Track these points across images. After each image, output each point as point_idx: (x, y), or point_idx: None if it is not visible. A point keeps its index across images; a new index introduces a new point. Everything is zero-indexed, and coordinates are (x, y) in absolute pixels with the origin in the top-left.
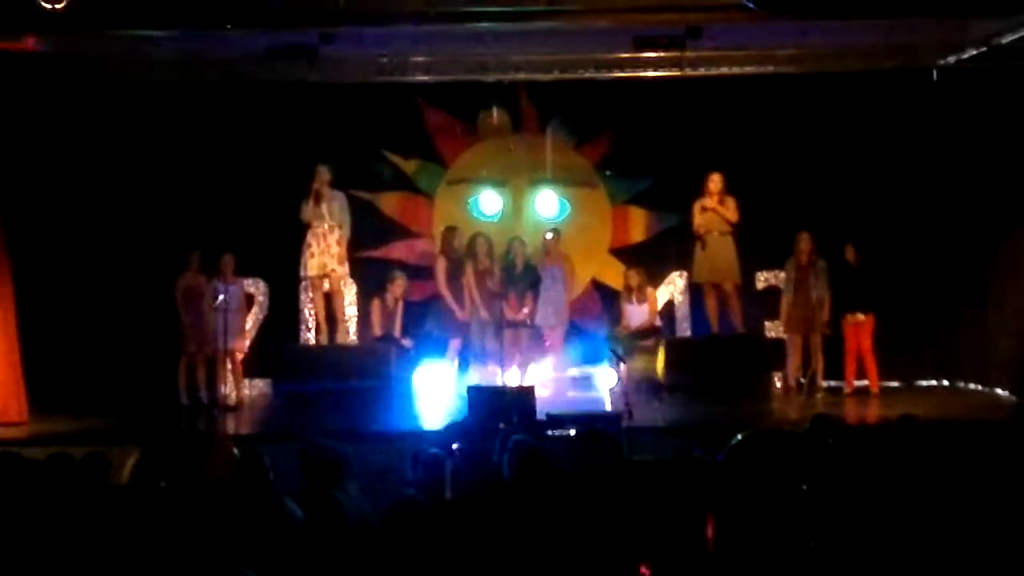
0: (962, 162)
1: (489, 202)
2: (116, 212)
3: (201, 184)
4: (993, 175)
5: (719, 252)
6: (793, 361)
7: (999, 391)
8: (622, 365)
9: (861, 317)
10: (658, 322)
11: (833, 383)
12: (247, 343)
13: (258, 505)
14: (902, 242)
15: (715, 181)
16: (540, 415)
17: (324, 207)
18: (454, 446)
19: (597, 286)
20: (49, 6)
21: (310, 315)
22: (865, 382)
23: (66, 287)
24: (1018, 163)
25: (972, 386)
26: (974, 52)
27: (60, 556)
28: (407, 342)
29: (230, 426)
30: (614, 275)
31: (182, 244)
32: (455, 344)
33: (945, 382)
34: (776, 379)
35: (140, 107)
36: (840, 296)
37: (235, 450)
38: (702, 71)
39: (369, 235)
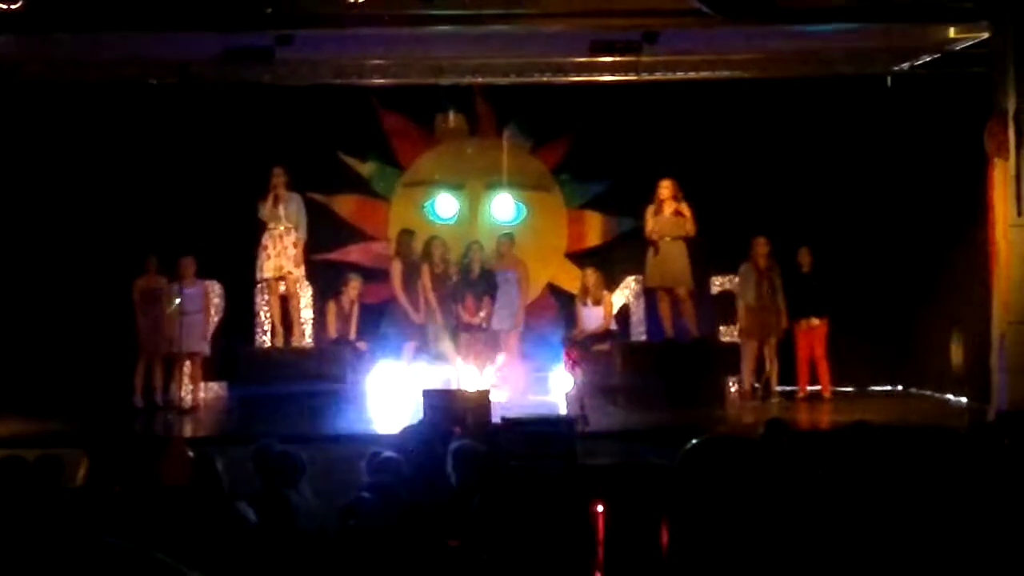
0: (916, 168)
1: (445, 205)
2: (72, 214)
3: (157, 186)
4: (946, 181)
5: (671, 257)
6: (748, 366)
7: (952, 397)
8: (577, 369)
9: (816, 322)
10: (613, 326)
11: (787, 388)
12: (208, 346)
13: (211, 508)
14: (856, 247)
15: (665, 187)
16: (495, 419)
17: (280, 209)
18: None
19: (553, 290)
20: (5, 6)
21: (266, 318)
22: (818, 387)
23: (21, 288)
24: (971, 169)
25: (926, 392)
26: (928, 58)
27: (13, 559)
28: (363, 345)
29: (185, 429)
30: (570, 279)
31: (139, 246)
32: (410, 347)
33: (899, 388)
34: (731, 384)
35: (96, 109)
36: (793, 301)
37: (190, 453)
38: (658, 75)
39: (325, 238)
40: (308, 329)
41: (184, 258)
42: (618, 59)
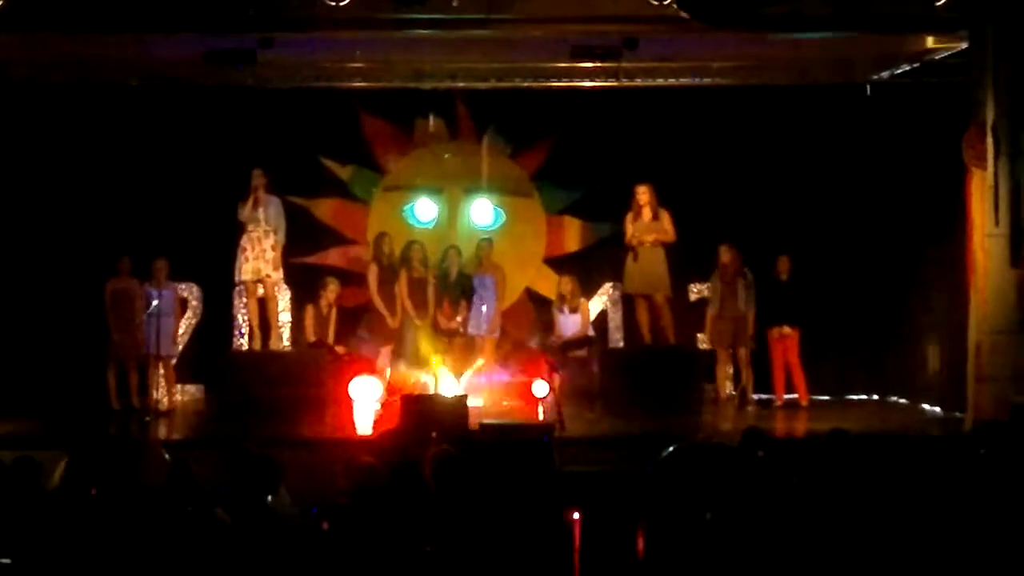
0: (894, 177)
1: (424, 209)
2: (47, 214)
3: (135, 187)
4: (924, 190)
5: (650, 264)
6: (722, 373)
7: (928, 406)
8: (554, 375)
9: (787, 330)
10: (591, 332)
11: (764, 396)
12: (179, 348)
13: (187, 511)
14: (834, 256)
15: (643, 193)
16: (472, 425)
17: (260, 212)
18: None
19: (531, 296)
20: None
21: (243, 320)
22: (795, 395)
23: None
24: (949, 179)
25: (902, 401)
26: (907, 68)
27: None
28: (340, 349)
29: (162, 432)
30: (548, 285)
31: (114, 247)
32: (386, 351)
33: (875, 396)
34: (708, 391)
35: (73, 108)
36: (766, 309)
37: (166, 456)
38: (639, 82)
39: (304, 241)
40: (286, 332)
41: (158, 260)
42: (599, 65)
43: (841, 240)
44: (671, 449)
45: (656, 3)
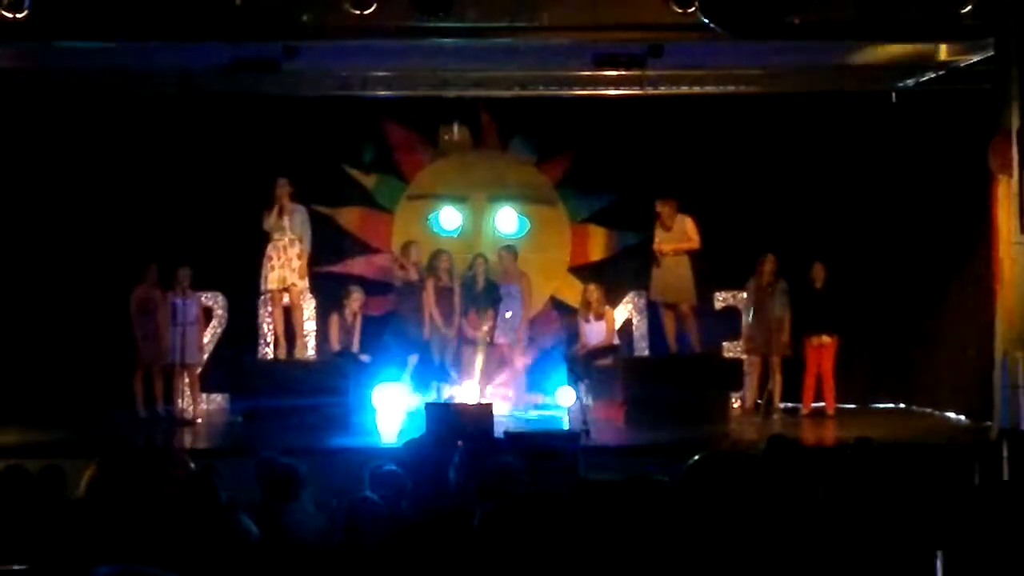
0: (920, 184)
1: (449, 218)
2: (73, 222)
3: (160, 196)
4: (950, 198)
5: (673, 273)
6: (752, 382)
7: (953, 415)
8: (580, 384)
9: (826, 339)
10: (616, 340)
11: (790, 404)
12: (204, 357)
13: (212, 520)
14: (859, 264)
15: (658, 205)
16: (498, 433)
17: (285, 220)
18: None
19: (556, 304)
20: (10, 15)
21: (269, 329)
22: (821, 404)
23: (21, 298)
24: (975, 186)
25: (928, 409)
26: (932, 75)
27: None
28: (365, 358)
29: (187, 440)
30: (573, 293)
31: (140, 256)
32: (413, 360)
33: (901, 405)
34: (733, 400)
35: (98, 117)
36: (803, 317)
37: (191, 465)
38: (663, 90)
39: (329, 250)
40: (311, 341)
41: (180, 268)
42: (623, 73)
43: (866, 248)
44: (696, 458)
45: (680, 11)
